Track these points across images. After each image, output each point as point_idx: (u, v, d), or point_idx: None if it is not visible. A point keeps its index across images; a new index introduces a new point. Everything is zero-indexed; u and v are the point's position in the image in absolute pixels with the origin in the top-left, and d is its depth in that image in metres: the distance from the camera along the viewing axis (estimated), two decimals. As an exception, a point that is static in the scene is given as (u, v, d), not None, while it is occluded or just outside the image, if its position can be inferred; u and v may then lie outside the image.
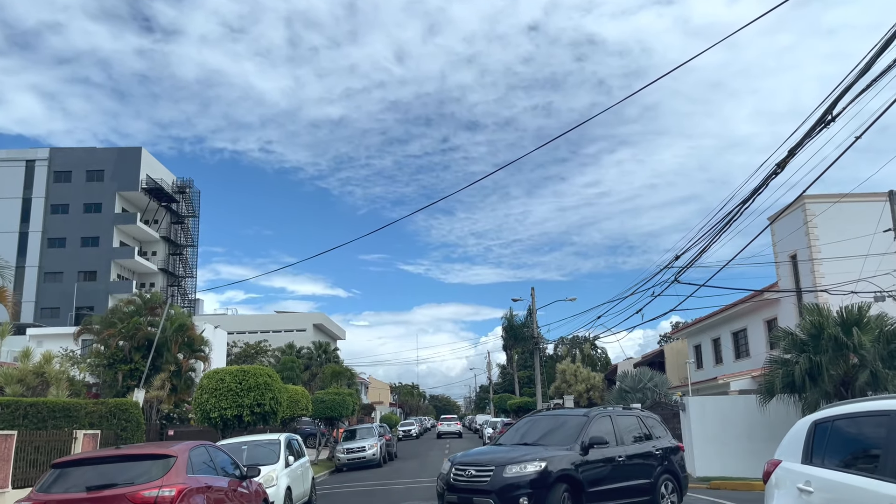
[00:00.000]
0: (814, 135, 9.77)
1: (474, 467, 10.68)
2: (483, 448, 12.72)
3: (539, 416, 13.23)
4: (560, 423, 12.16)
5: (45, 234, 62.19)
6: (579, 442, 11.03)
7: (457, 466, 10.98)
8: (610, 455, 11.31)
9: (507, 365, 79.70)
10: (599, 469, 11.01)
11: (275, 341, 68.79)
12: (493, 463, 10.55)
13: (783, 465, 6.10)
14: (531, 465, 10.23)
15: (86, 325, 31.81)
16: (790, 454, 6.06)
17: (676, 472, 12.64)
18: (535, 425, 12.49)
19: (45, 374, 21.07)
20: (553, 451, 10.78)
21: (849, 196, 27.01)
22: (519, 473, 10.16)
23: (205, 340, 32.06)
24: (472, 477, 10.57)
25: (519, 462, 10.34)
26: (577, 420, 11.92)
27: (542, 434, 11.84)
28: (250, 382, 21.55)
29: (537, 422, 12.73)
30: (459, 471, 10.85)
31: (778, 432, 20.15)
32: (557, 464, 10.37)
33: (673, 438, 13.69)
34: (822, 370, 18.28)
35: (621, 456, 11.53)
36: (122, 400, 20.73)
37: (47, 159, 63.78)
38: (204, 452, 9.93)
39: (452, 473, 10.94)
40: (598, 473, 10.96)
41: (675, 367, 45.99)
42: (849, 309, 18.99)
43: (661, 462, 12.26)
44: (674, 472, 12.54)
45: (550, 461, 10.32)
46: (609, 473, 11.16)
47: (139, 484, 8.14)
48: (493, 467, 10.39)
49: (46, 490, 8.21)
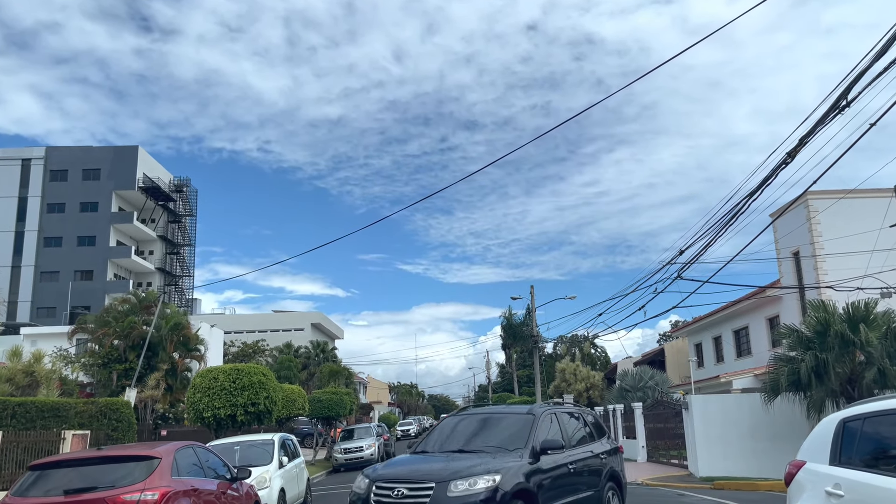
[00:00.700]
0: (827, 121, 9.39)
1: (405, 485, 8.08)
2: (408, 458, 9.60)
3: (469, 415, 10.48)
4: (499, 422, 9.83)
5: (42, 233, 61.76)
6: (529, 447, 8.78)
7: (379, 484, 8.27)
8: (561, 462, 9.16)
9: (506, 364, 79.42)
10: (552, 480, 8.84)
11: (273, 341, 68.37)
12: (432, 478, 8.00)
13: (808, 466, 5.69)
14: (482, 481, 7.83)
15: (80, 324, 31.45)
16: (816, 455, 5.64)
17: (619, 478, 10.84)
18: (466, 426, 9.92)
19: (35, 373, 20.69)
20: (502, 459, 8.41)
21: (853, 192, 26.64)
22: (468, 491, 7.77)
23: (200, 339, 31.70)
24: (405, 498, 7.98)
25: (466, 476, 7.90)
26: (520, 419, 9.63)
27: (480, 437, 9.46)
28: (244, 381, 21.15)
29: (468, 422, 10.08)
30: (383, 490, 8.18)
31: (782, 431, 20.06)
32: (512, 477, 8.09)
33: (612, 438, 11.94)
34: (828, 368, 17.90)
35: (571, 463, 9.39)
36: (114, 399, 20.32)
37: (43, 158, 63.32)
38: (191, 453, 9.54)
39: (374, 494, 8.24)
40: (550, 485, 8.78)
41: (675, 365, 45.64)
42: (855, 305, 18.62)
43: (605, 468, 10.39)
44: (617, 479, 10.73)
45: (504, 474, 8.01)
46: (560, 485, 9.04)
47: (120, 487, 7.75)
48: (433, 484, 7.87)
49: (22, 494, 7.81)
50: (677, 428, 24.25)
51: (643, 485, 20.04)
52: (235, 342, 64.20)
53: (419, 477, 8.18)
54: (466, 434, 9.67)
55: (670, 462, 25.30)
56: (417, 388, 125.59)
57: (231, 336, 64.27)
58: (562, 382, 53.94)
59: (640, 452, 28.52)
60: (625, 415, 31.44)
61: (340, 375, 51.43)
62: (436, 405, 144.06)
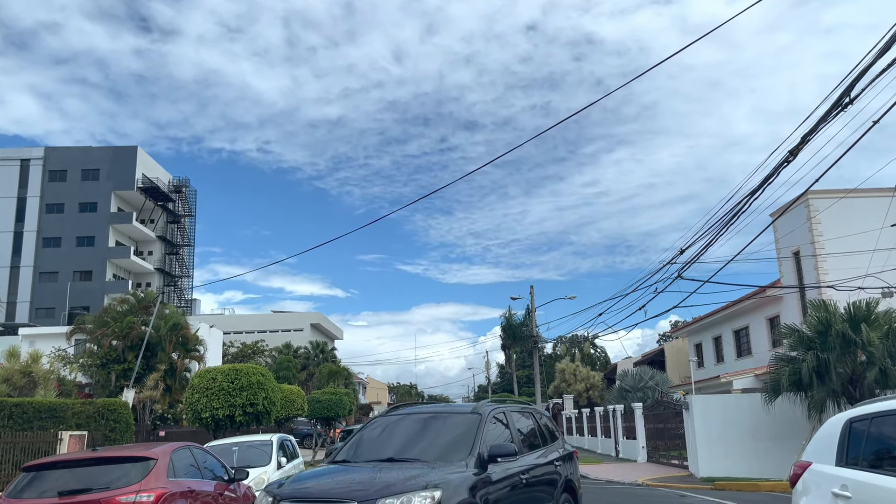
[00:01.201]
0: (829, 119, 9.31)
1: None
2: (325, 469, 7.59)
3: (403, 416, 8.43)
4: (440, 424, 7.95)
5: (41, 233, 61.66)
6: (475, 454, 7.07)
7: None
8: (513, 471, 7.50)
9: (506, 364, 79.28)
10: (502, 493, 7.22)
11: (272, 341, 68.32)
12: (354, 495, 6.32)
13: (813, 467, 5.60)
14: (418, 498, 6.26)
15: (78, 325, 31.37)
16: (821, 456, 5.55)
17: (575, 489, 9.36)
18: (399, 429, 8.03)
19: (33, 373, 20.60)
20: (443, 470, 6.70)
21: (854, 191, 26.56)
22: None
23: (199, 340, 31.62)
24: None
25: (398, 493, 6.26)
26: (464, 420, 7.84)
27: (416, 443, 7.65)
28: (243, 382, 21.06)
29: (402, 424, 8.16)
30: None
31: (783, 431, 19.97)
32: (455, 492, 6.48)
33: (566, 441, 10.28)
34: (829, 368, 17.82)
35: (524, 472, 7.75)
36: (111, 400, 20.24)
37: (42, 158, 63.23)
38: (188, 454, 9.43)
39: None
40: (500, 500, 7.18)
41: (675, 365, 45.57)
42: (857, 305, 18.54)
43: (560, 477, 8.85)
44: (573, 490, 9.26)
45: (445, 488, 6.38)
46: (511, 499, 7.45)
47: (115, 489, 7.65)
48: (355, 503, 6.25)
49: (17, 495, 7.71)
50: (678, 428, 24.17)
51: (643, 485, 19.96)
52: (234, 342, 64.15)
53: (338, 494, 6.45)
54: (399, 439, 7.83)
55: (671, 462, 25.22)
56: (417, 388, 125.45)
57: (230, 336, 64.20)
58: (562, 383, 53.92)
59: (640, 453, 28.43)
60: (625, 415, 31.36)
61: (339, 376, 51.40)
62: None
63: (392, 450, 7.54)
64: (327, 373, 51.16)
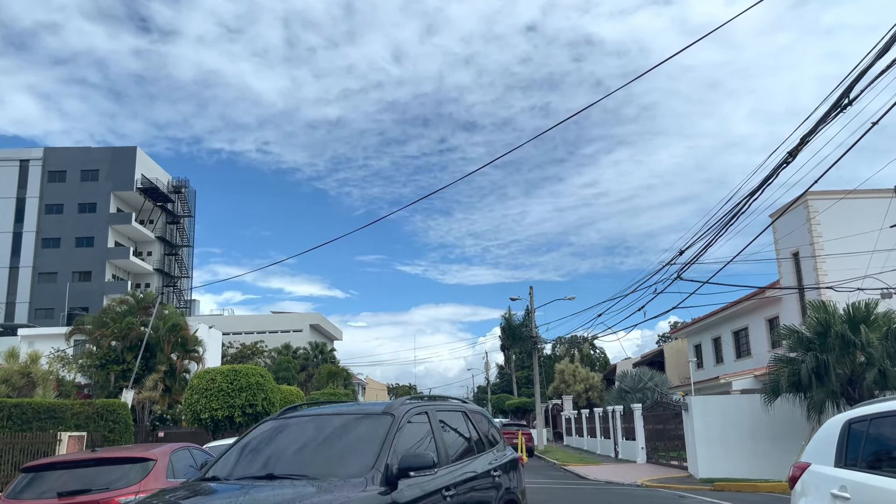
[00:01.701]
0: (829, 120, 9.31)
1: None
2: (185, 490, 5.52)
3: (297, 418, 6.49)
4: (340, 429, 6.14)
5: (40, 234, 61.62)
6: (380, 467, 5.32)
7: None
8: (433, 488, 5.77)
9: (505, 365, 79.34)
10: None
11: (271, 342, 68.28)
12: None
13: (812, 468, 5.60)
14: None
15: (78, 325, 31.35)
16: (820, 457, 5.55)
17: (517, 502, 7.81)
18: (288, 436, 6.20)
19: (32, 374, 20.58)
20: (332, 492, 4.96)
21: (853, 192, 26.59)
22: None
23: (199, 341, 31.60)
24: None
25: None
26: (371, 424, 6.02)
27: (305, 452, 5.86)
28: (242, 382, 21.06)
29: (292, 429, 6.27)
30: None
31: (782, 432, 19.98)
32: None
33: (509, 446, 8.49)
34: (828, 369, 17.84)
35: (450, 488, 6.03)
36: (110, 401, 20.22)
37: (41, 159, 63.20)
38: (187, 455, 9.42)
39: None
40: None
41: (675, 366, 45.58)
42: (856, 306, 18.55)
43: (500, 491, 7.26)
44: (515, 502, 7.72)
45: None
46: None
47: (115, 489, 7.65)
48: None
49: (16, 496, 7.71)
50: (677, 429, 24.17)
51: (643, 486, 19.96)
52: (234, 343, 64.11)
53: None
54: (288, 448, 5.98)
55: (670, 463, 25.22)
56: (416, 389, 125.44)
57: (229, 337, 64.17)
58: (561, 383, 53.93)
59: (639, 454, 28.44)
60: (624, 416, 31.36)
61: (339, 376, 51.38)
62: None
63: (275, 463, 5.70)
64: (326, 374, 51.15)
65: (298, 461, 5.69)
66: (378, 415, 6.15)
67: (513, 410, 63.41)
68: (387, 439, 5.63)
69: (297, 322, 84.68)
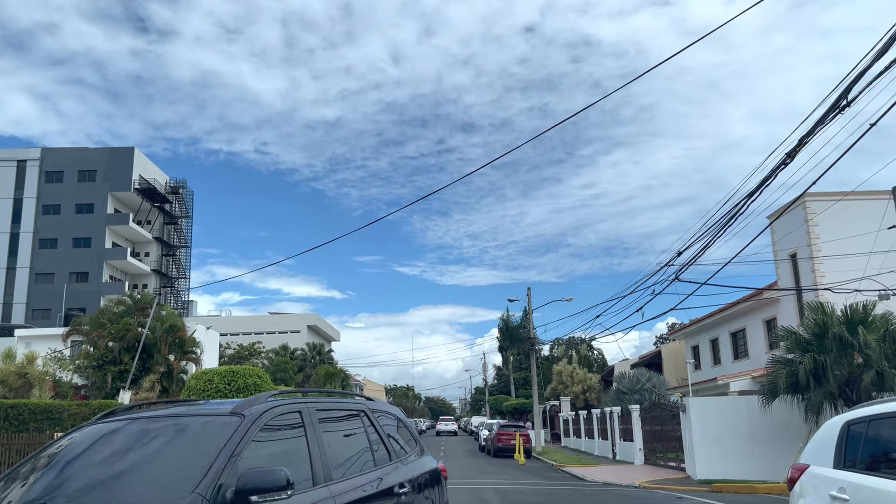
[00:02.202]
0: (827, 121, 9.31)
1: None
2: None
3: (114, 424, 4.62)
4: (167, 440, 4.31)
5: (37, 234, 61.51)
6: (208, 490, 3.68)
7: None
8: None
9: (503, 366, 79.29)
10: None
11: (269, 343, 68.23)
12: None
13: (811, 470, 5.59)
14: None
15: (75, 326, 31.28)
16: (819, 458, 5.54)
17: None
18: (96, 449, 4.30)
19: (28, 374, 20.52)
20: None
21: (850, 194, 26.61)
22: None
23: (196, 341, 31.56)
24: None
25: None
26: (211, 430, 4.29)
27: (111, 470, 4.02)
28: (239, 384, 20.99)
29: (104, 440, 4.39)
30: None
31: (780, 433, 19.99)
32: None
33: (428, 454, 6.99)
34: (826, 370, 17.84)
35: None
36: (107, 402, 20.19)
37: (38, 159, 63.10)
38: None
39: None
40: None
41: (672, 367, 45.59)
42: (853, 307, 18.55)
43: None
44: None
45: None
46: None
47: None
48: None
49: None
50: (675, 430, 24.16)
51: (640, 487, 19.94)
52: (231, 344, 64.04)
53: None
54: (82, 469, 4.09)
55: (668, 465, 25.21)
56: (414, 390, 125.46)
57: (227, 338, 64.11)
58: (559, 385, 53.93)
59: (637, 455, 28.42)
60: (622, 417, 31.35)
61: (336, 377, 51.33)
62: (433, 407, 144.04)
63: (68, 486, 3.86)
64: (324, 374, 51.10)
65: (101, 483, 3.88)
66: (222, 417, 4.40)
67: (510, 411, 63.42)
68: (224, 450, 3.95)
69: (294, 323, 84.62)
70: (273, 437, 4.49)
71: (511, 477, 23.12)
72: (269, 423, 4.43)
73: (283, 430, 4.64)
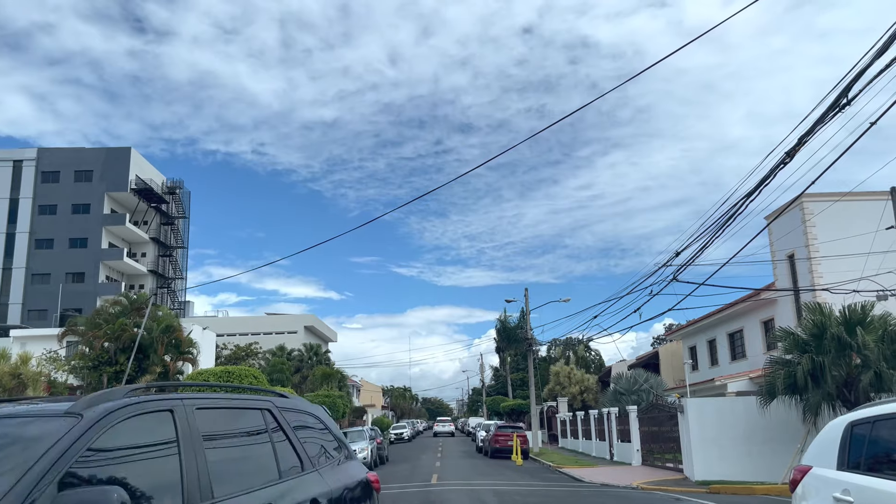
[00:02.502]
0: (827, 120, 9.26)
1: None
2: None
3: None
4: None
5: (33, 234, 61.33)
6: None
7: None
8: None
9: (501, 367, 79.26)
10: None
11: (265, 343, 68.07)
12: None
13: (814, 472, 5.52)
14: None
15: (70, 326, 31.09)
16: (822, 460, 5.47)
17: None
18: None
19: (22, 375, 20.38)
20: None
21: (848, 195, 26.59)
22: None
23: (193, 342, 31.40)
24: None
25: None
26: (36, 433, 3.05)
27: None
28: (235, 384, 20.90)
29: None
30: None
31: (778, 434, 19.94)
32: None
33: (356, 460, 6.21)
34: (824, 371, 17.79)
35: None
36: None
37: (35, 159, 62.92)
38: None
39: None
40: None
41: (670, 368, 45.55)
42: (852, 308, 18.51)
43: None
44: None
45: None
46: None
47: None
48: None
49: None
50: (672, 431, 24.11)
51: (638, 489, 19.89)
52: (228, 345, 63.87)
53: None
54: None
55: (665, 466, 25.15)
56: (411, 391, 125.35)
57: (223, 339, 63.94)
58: (556, 385, 53.88)
59: (634, 456, 28.37)
60: (619, 418, 31.30)
61: (333, 378, 51.20)
62: (430, 408, 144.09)
63: None
64: (321, 375, 50.97)
65: None
66: (53, 418, 3.26)
67: (508, 412, 63.38)
68: (39, 463, 2.83)
69: (291, 323, 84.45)
70: (129, 443, 3.39)
71: (508, 478, 23.05)
72: (121, 427, 3.31)
73: (143, 435, 3.54)
